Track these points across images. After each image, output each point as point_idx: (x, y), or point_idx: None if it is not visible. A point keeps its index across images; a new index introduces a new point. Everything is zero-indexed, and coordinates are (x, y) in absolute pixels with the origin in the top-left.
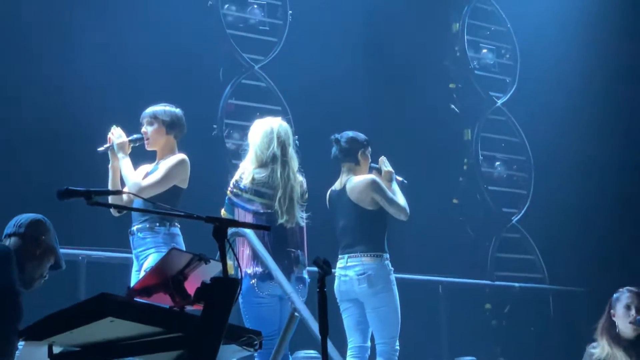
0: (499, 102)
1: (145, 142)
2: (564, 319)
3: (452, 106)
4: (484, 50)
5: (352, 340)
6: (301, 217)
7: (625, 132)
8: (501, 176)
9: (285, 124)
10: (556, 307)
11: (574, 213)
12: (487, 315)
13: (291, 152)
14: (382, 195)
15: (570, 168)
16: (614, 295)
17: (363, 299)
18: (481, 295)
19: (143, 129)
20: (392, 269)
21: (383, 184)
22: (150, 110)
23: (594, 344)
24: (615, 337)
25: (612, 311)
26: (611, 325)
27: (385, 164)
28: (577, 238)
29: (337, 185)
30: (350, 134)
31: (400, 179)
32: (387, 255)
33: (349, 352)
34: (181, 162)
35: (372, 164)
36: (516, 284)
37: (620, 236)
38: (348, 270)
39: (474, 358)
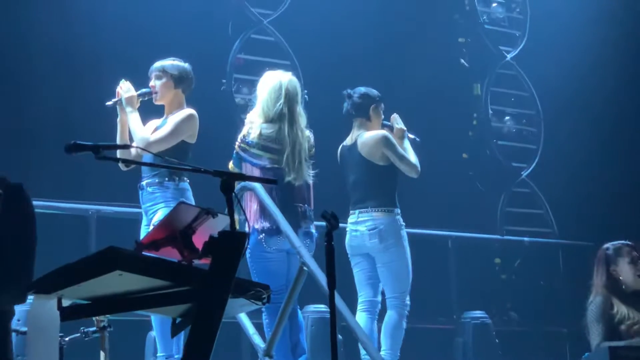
0: (509, 56)
1: (153, 96)
2: (573, 273)
3: (462, 60)
4: (494, 4)
5: (363, 295)
6: (309, 174)
7: (638, 86)
8: (511, 131)
9: (294, 79)
10: (565, 261)
11: (583, 167)
12: (497, 269)
13: (299, 109)
14: (392, 151)
15: (579, 122)
16: (607, 252)
17: (374, 254)
18: (491, 250)
19: (151, 83)
20: (404, 224)
21: (394, 140)
22: (158, 64)
23: (597, 299)
24: (620, 293)
25: (611, 268)
26: (614, 282)
27: (397, 122)
28: (587, 192)
29: (348, 141)
30: (362, 89)
31: (412, 136)
32: (398, 210)
33: (359, 306)
34: (189, 117)
35: (385, 122)
36: (525, 239)
37: (630, 190)
38: (359, 225)
39: (483, 312)
